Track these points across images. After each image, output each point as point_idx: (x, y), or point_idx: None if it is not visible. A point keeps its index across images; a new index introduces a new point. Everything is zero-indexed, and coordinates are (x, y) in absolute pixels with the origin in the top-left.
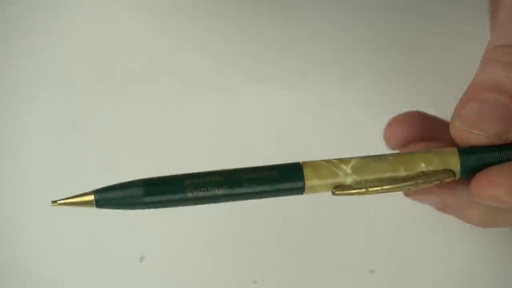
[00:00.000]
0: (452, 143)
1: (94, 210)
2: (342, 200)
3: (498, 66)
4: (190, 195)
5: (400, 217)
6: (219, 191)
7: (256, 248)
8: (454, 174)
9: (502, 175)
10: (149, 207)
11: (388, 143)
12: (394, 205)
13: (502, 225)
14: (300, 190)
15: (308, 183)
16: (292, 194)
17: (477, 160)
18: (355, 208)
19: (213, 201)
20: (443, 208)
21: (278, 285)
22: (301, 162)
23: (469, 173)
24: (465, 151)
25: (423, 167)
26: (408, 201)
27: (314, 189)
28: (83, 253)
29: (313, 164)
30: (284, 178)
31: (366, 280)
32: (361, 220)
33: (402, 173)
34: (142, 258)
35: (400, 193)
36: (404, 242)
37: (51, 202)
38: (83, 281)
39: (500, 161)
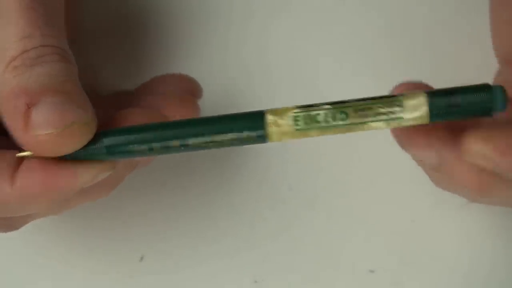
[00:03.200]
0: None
1: (94, 211)
2: (343, 200)
3: None
4: (152, 145)
5: (400, 217)
6: (184, 141)
7: (256, 248)
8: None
9: (494, 133)
10: (113, 157)
11: None
12: (394, 205)
13: (497, 194)
14: (263, 138)
15: (270, 126)
16: (256, 142)
17: (447, 102)
18: (355, 208)
19: (176, 151)
20: (439, 166)
21: (278, 285)
22: (265, 110)
23: (439, 116)
24: (433, 93)
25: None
26: (408, 201)
27: (278, 130)
28: (83, 253)
29: (276, 110)
30: (246, 127)
31: (366, 280)
32: (361, 220)
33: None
34: (142, 258)
35: (400, 194)
36: (404, 242)
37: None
38: (84, 281)
39: (469, 104)
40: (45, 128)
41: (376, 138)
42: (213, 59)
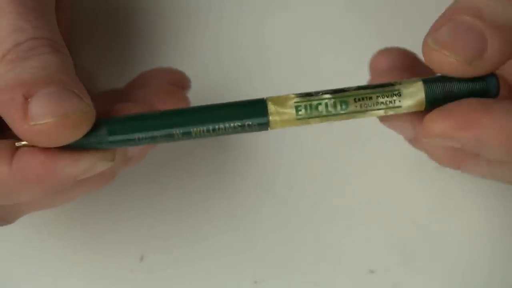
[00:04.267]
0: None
1: (94, 210)
2: (343, 200)
3: None
4: (154, 133)
5: (400, 217)
6: (186, 129)
7: (256, 248)
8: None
9: (451, 111)
10: (115, 145)
11: (372, 72)
12: (394, 205)
13: (474, 170)
14: (265, 126)
15: (272, 115)
16: (257, 130)
17: (443, 89)
18: (355, 208)
19: (178, 139)
20: (414, 140)
21: (278, 285)
22: (266, 98)
23: (435, 103)
24: (430, 80)
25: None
26: (408, 201)
27: (279, 118)
28: (83, 252)
29: (277, 99)
30: (248, 115)
31: (366, 280)
32: (361, 220)
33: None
34: (142, 258)
35: (400, 194)
36: (404, 242)
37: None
38: (83, 281)
39: (464, 91)
40: (43, 118)
41: (376, 138)
42: (206, 53)
